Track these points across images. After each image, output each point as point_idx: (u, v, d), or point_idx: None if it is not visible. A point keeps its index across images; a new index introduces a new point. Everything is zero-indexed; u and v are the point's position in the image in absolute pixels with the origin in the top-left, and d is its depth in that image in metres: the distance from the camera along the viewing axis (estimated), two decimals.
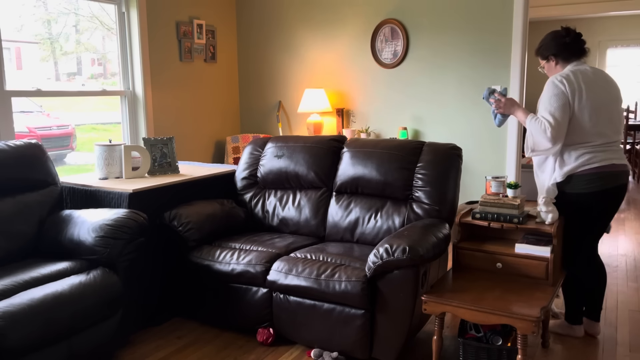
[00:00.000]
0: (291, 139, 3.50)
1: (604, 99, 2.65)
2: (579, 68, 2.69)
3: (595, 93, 2.63)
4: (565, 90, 2.59)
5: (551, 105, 2.59)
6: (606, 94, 2.67)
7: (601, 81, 2.67)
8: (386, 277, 2.49)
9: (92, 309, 2.39)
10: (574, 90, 2.60)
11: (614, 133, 2.66)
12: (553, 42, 2.76)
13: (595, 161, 2.61)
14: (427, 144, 3.13)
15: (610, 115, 2.65)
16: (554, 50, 2.76)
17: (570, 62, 2.73)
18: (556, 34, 2.77)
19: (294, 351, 2.78)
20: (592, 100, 2.61)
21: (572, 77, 2.63)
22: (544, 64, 2.85)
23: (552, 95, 2.60)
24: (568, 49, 2.72)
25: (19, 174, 2.85)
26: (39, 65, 4.12)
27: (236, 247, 3.03)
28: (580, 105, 2.60)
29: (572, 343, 2.83)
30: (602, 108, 2.63)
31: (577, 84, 2.61)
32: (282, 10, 5.27)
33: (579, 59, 2.73)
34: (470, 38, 4.43)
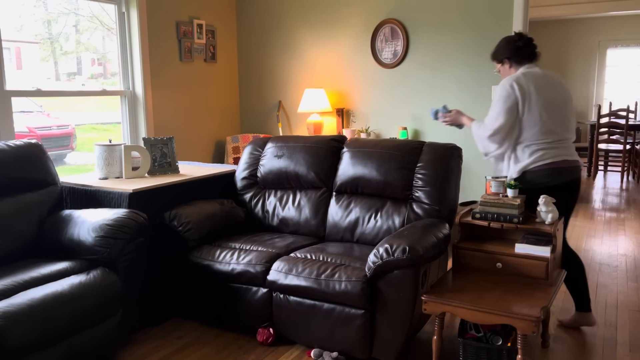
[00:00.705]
0: (291, 139, 3.50)
1: (555, 99, 2.79)
2: (530, 70, 2.83)
3: (546, 93, 2.77)
4: (515, 93, 2.74)
5: (497, 109, 2.76)
6: (557, 94, 2.81)
7: (552, 83, 2.82)
8: (386, 277, 2.49)
9: (92, 309, 2.39)
10: (524, 92, 2.74)
11: (564, 131, 2.80)
12: (507, 46, 2.91)
13: (547, 157, 2.75)
14: (427, 144, 3.13)
15: (560, 115, 2.79)
16: (508, 54, 2.89)
17: (522, 65, 2.87)
18: (509, 38, 2.92)
19: (294, 351, 2.78)
20: (543, 99, 2.75)
21: (523, 78, 2.77)
22: (499, 67, 2.98)
23: (500, 98, 2.76)
24: (520, 53, 2.87)
25: (19, 174, 2.84)
26: (39, 65, 4.12)
27: (236, 247, 3.03)
28: (531, 105, 2.74)
29: (572, 343, 2.83)
30: (552, 107, 2.77)
31: (527, 85, 2.75)
32: (282, 10, 5.27)
33: (531, 62, 2.88)
34: (470, 38, 4.43)
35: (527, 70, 2.83)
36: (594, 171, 7.64)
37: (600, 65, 9.97)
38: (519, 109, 2.74)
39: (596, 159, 7.56)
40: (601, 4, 7.48)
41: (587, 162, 7.98)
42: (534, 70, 2.83)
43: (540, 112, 2.74)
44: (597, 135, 7.35)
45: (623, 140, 7.21)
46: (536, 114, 2.74)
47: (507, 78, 2.80)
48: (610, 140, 7.53)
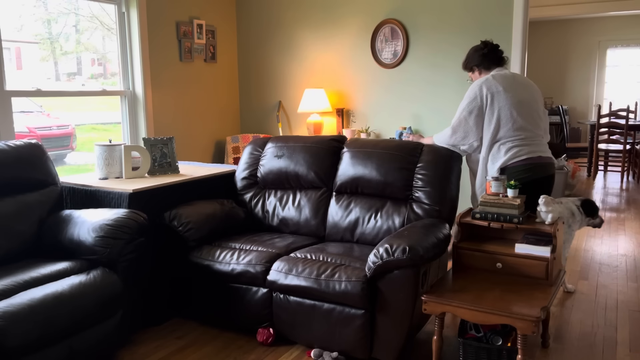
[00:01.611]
0: (291, 139, 3.50)
1: (523, 98, 2.94)
2: (499, 73, 3.02)
3: (515, 92, 2.93)
4: (482, 93, 2.93)
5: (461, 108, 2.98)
6: (525, 94, 2.97)
7: (520, 83, 2.99)
8: (386, 277, 2.49)
9: (92, 309, 2.39)
10: (492, 92, 2.92)
11: (535, 128, 2.95)
12: (474, 54, 3.13)
13: (523, 154, 2.89)
14: (427, 144, 3.13)
15: (531, 113, 2.95)
16: (476, 61, 3.12)
17: (491, 70, 3.08)
18: (476, 47, 3.15)
19: (294, 351, 2.78)
20: (512, 98, 2.91)
21: (492, 79, 2.96)
22: (470, 75, 3.19)
23: (466, 98, 2.97)
24: (487, 59, 3.08)
25: (19, 174, 2.84)
26: (39, 65, 4.12)
27: (236, 247, 3.03)
28: (500, 104, 2.90)
29: (572, 343, 2.84)
30: (522, 106, 2.92)
31: (495, 86, 2.93)
32: (282, 10, 5.27)
33: (499, 66, 3.08)
34: (470, 38, 4.43)
35: (496, 72, 3.02)
36: (594, 171, 7.64)
37: (600, 65, 9.97)
38: (484, 109, 2.92)
39: (596, 159, 7.56)
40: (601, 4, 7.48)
41: (587, 162, 7.98)
42: (502, 73, 3.01)
43: (510, 110, 2.89)
44: (597, 135, 7.35)
45: (623, 140, 7.21)
46: (507, 113, 2.89)
47: (477, 81, 3.01)
48: (610, 140, 7.53)
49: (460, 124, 2.98)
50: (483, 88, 2.92)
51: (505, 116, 2.89)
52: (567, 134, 9.35)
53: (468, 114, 2.95)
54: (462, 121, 2.97)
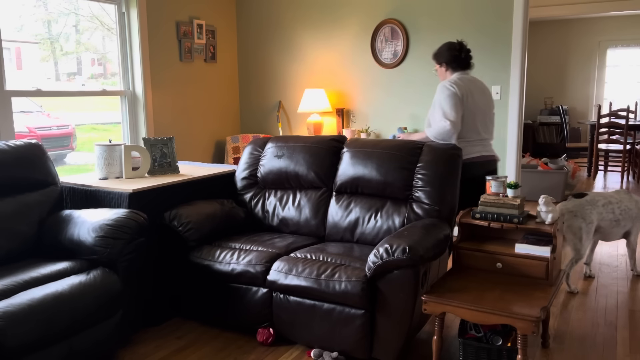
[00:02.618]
0: (291, 139, 3.50)
1: (481, 104, 3.21)
2: (464, 77, 3.22)
3: (475, 98, 3.17)
4: (457, 92, 3.10)
5: (446, 107, 3.08)
6: (483, 100, 3.23)
7: (479, 89, 3.23)
8: (386, 277, 2.49)
9: (92, 309, 2.39)
10: (463, 93, 3.12)
11: (485, 132, 3.26)
12: (447, 52, 3.26)
13: (474, 152, 3.20)
14: (427, 144, 3.13)
15: (484, 118, 3.23)
16: (447, 59, 3.26)
17: (457, 71, 3.26)
18: (451, 45, 3.27)
19: (294, 351, 2.78)
20: (472, 104, 3.15)
21: (460, 82, 3.15)
22: (437, 67, 3.35)
23: (446, 97, 3.09)
24: (458, 61, 3.24)
25: (19, 174, 2.84)
26: (39, 65, 4.12)
27: (236, 247, 3.03)
28: (467, 107, 3.13)
29: (572, 343, 2.84)
30: (479, 111, 3.19)
31: (463, 88, 3.13)
32: (282, 10, 5.27)
33: (465, 70, 3.27)
34: (470, 38, 4.43)
35: (462, 76, 3.22)
36: (594, 171, 7.64)
37: (600, 65, 9.97)
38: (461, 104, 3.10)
39: (596, 159, 7.56)
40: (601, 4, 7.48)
41: (587, 162, 7.98)
42: (466, 77, 3.23)
43: (470, 114, 3.14)
44: (597, 136, 7.35)
45: (623, 141, 7.21)
46: (468, 116, 3.14)
47: (446, 81, 3.17)
48: (610, 140, 7.53)
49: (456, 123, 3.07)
50: (455, 87, 3.11)
51: (467, 118, 3.13)
52: (567, 134, 9.35)
53: (454, 107, 3.08)
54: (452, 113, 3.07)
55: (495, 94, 4.38)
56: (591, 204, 3.47)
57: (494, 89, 4.38)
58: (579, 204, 3.44)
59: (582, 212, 3.42)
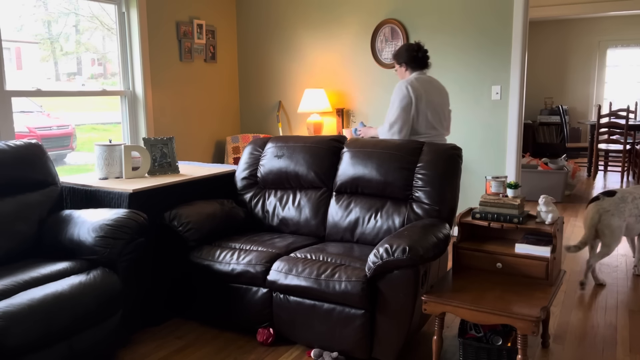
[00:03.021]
0: (291, 139, 3.50)
1: (438, 102, 3.45)
2: (421, 77, 3.44)
3: (432, 97, 3.41)
4: (410, 94, 3.33)
5: (395, 107, 3.35)
6: (439, 98, 3.47)
7: (436, 88, 3.48)
8: (386, 277, 2.49)
9: (92, 308, 2.39)
10: (417, 94, 3.35)
11: (441, 128, 3.50)
12: (406, 52, 3.46)
13: None
14: (427, 144, 3.13)
15: (439, 115, 3.46)
16: (406, 59, 3.47)
17: (416, 71, 3.48)
18: (410, 46, 3.48)
19: (294, 351, 2.78)
20: (430, 102, 3.39)
21: (417, 83, 3.37)
22: (397, 67, 3.55)
23: (397, 99, 3.35)
24: (416, 61, 3.46)
25: (19, 174, 2.84)
26: (39, 65, 4.12)
27: (236, 247, 3.03)
28: (421, 105, 3.35)
29: (572, 343, 2.84)
30: (436, 109, 3.44)
31: (419, 89, 3.36)
32: (282, 10, 5.27)
33: (422, 69, 3.49)
34: (470, 38, 4.44)
35: (419, 76, 3.44)
36: (594, 171, 7.64)
37: (600, 65, 9.97)
38: (412, 107, 3.34)
39: (596, 159, 7.56)
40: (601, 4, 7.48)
41: (587, 162, 7.98)
42: (424, 77, 3.45)
43: (426, 112, 3.38)
44: (597, 135, 7.35)
45: (623, 141, 7.21)
46: (425, 112, 3.38)
47: (403, 81, 3.38)
48: (610, 140, 7.53)
49: (398, 119, 3.35)
50: (410, 89, 3.34)
51: (423, 116, 3.37)
52: (567, 134, 9.35)
53: (402, 110, 3.35)
54: (399, 116, 3.35)
55: (495, 94, 4.38)
56: (623, 201, 3.49)
57: (494, 89, 4.38)
58: (614, 203, 3.47)
59: (618, 210, 3.45)
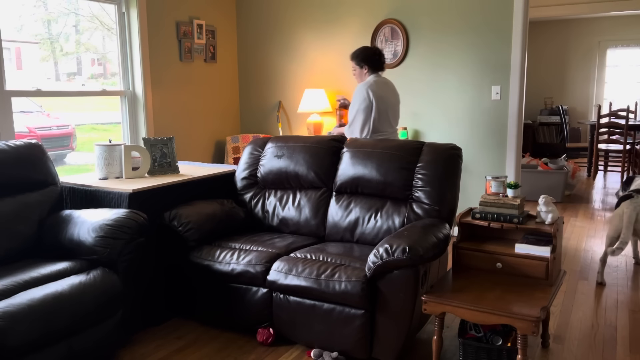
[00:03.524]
0: (291, 139, 3.50)
1: (392, 103, 3.78)
2: (379, 79, 3.75)
3: (388, 97, 3.74)
4: (370, 97, 3.64)
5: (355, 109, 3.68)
6: (393, 99, 3.81)
7: (390, 89, 3.80)
8: (386, 277, 2.49)
9: (92, 308, 2.39)
10: (377, 97, 3.65)
11: (395, 125, 3.85)
12: (368, 55, 3.75)
13: None
14: (427, 144, 3.13)
15: (395, 114, 3.82)
16: (367, 62, 3.74)
17: (373, 73, 3.76)
18: (370, 50, 3.77)
19: (294, 351, 2.78)
20: (386, 103, 3.70)
21: (375, 86, 3.68)
22: (357, 69, 3.79)
23: (357, 101, 3.67)
24: (377, 64, 3.76)
25: (19, 174, 2.84)
26: (39, 65, 4.12)
27: (236, 247, 3.03)
28: (382, 106, 3.67)
29: (572, 343, 2.84)
30: (393, 108, 3.79)
31: (378, 91, 3.67)
32: (282, 10, 5.27)
33: (379, 72, 3.79)
34: (470, 38, 4.44)
35: (377, 78, 3.74)
36: (594, 171, 7.64)
37: (600, 65, 9.97)
38: (372, 108, 3.64)
39: (596, 159, 7.56)
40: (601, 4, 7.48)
41: (587, 162, 7.98)
42: (381, 79, 3.76)
43: (385, 112, 3.70)
44: (597, 135, 7.35)
45: (623, 140, 7.21)
46: (386, 112, 3.70)
47: (364, 84, 3.68)
48: (610, 140, 7.53)
49: (358, 120, 3.68)
50: (370, 92, 3.64)
51: (384, 115, 3.70)
52: (567, 134, 9.35)
53: (362, 112, 3.66)
54: (358, 118, 3.67)
55: (495, 94, 4.38)
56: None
57: (494, 89, 4.38)
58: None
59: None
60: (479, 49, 4.41)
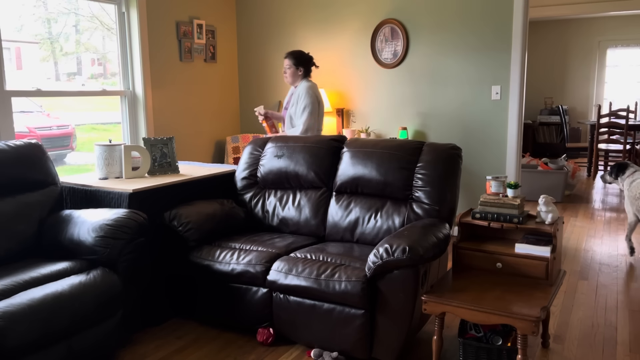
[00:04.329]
0: (291, 139, 3.50)
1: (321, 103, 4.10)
2: (312, 82, 4.05)
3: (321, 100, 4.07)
4: (317, 98, 3.99)
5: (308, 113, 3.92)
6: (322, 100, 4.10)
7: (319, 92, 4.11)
8: (386, 277, 2.49)
9: (92, 308, 2.39)
10: (319, 99, 4.02)
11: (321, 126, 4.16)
12: (306, 59, 4.03)
13: None
14: (427, 144, 3.13)
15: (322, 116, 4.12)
16: (303, 65, 4.02)
17: (306, 77, 4.06)
18: (307, 55, 4.05)
19: (294, 351, 2.78)
20: (322, 107, 4.07)
21: (317, 89, 4.05)
22: (292, 68, 4.01)
23: (310, 103, 3.93)
24: (309, 70, 4.07)
25: (19, 174, 2.85)
26: (39, 65, 4.12)
27: (236, 247, 3.03)
28: (321, 109, 4.02)
29: (572, 343, 2.84)
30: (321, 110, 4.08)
31: (319, 95, 4.04)
32: (282, 10, 5.27)
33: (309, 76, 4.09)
34: (470, 38, 4.44)
35: (310, 82, 4.03)
36: (593, 171, 7.64)
37: (600, 65, 9.97)
38: (318, 111, 3.98)
39: (596, 159, 7.56)
40: (601, 4, 7.48)
41: (587, 162, 7.98)
42: (313, 83, 4.05)
43: (322, 114, 4.06)
44: (597, 135, 7.35)
45: (623, 140, 7.21)
46: (321, 115, 4.05)
47: (309, 87, 3.97)
48: (610, 140, 7.53)
49: (309, 121, 3.92)
50: (316, 95, 3.98)
51: (321, 117, 4.05)
52: (567, 134, 9.35)
53: (313, 114, 3.94)
54: (311, 119, 3.93)
55: (495, 94, 4.38)
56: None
57: (494, 89, 4.38)
58: None
59: None
60: (479, 49, 4.41)
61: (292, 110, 4.02)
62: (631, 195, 4.04)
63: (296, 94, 4.02)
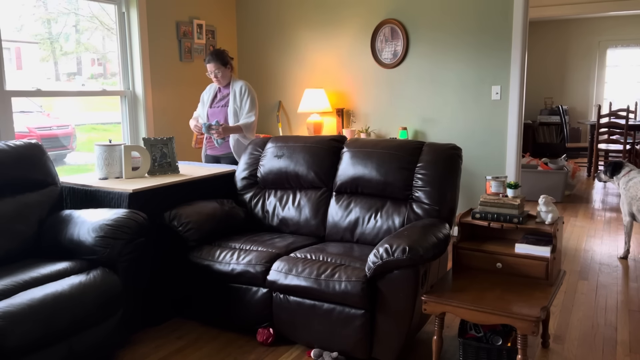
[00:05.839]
0: (291, 139, 3.50)
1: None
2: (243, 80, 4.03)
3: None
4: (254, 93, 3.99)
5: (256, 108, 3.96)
6: None
7: None
8: (386, 277, 2.49)
9: (92, 309, 2.39)
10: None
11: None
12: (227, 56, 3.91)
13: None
14: (427, 144, 3.13)
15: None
16: (229, 62, 3.93)
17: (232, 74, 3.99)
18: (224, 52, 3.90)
19: (294, 351, 2.78)
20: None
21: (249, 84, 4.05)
22: (222, 69, 3.88)
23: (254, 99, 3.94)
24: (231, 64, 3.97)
25: (19, 174, 2.84)
26: (39, 65, 4.12)
27: (236, 247, 3.03)
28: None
29: (572, 343, 2.84)
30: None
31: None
32: (282, 10, 5.27)
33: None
34: (470, 38, 4.44)
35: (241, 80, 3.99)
36: (593, 171, 7.64)
37: (600, 65, 9.97)
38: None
39: (596, 159, 7.56)
40: (601, 4, 7.48)
41: (587, 162, 7.98)
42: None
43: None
44: (597, 136, 7.35)
45: (623, 141, 7.21)
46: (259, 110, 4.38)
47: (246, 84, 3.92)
48: (610, 140, 7.53)
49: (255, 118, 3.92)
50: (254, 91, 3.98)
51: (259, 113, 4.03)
52: (567, 134, 9.35)
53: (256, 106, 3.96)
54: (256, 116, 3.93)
55: (495, 94, 4.39)
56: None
57: (494, 89, 4.38)
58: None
59: None
60: (479, 49, 4.41)
61: (237, 105, 3.90)
62: (629, 195, 4.04)
63: (235, 90, 3.92)
